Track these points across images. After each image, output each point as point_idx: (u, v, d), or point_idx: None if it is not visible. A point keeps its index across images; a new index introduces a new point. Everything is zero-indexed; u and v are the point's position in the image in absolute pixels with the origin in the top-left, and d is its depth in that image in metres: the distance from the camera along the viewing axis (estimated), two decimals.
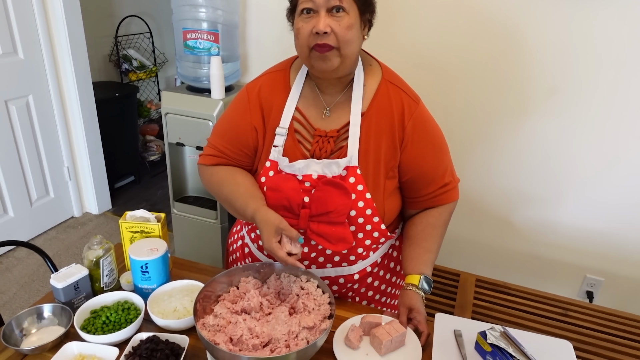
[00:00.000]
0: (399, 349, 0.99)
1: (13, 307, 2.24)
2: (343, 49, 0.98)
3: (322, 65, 1.00)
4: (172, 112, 2.07)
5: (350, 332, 1.00)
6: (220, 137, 1.16)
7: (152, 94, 3.85)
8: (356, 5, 0.98)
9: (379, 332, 0.98)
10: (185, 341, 0.98)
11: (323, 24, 0.95)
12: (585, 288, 2.04)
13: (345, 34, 0.97)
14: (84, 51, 2.70)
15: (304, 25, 0.98)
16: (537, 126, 1.86)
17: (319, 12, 0.96)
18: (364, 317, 1.03)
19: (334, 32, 0.96)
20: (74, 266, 1.09)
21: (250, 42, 2.19)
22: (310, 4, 0.96)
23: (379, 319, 1.02)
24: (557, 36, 1.71)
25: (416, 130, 1.07)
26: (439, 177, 1.13)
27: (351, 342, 0.98)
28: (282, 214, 1.05)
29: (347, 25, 0.96)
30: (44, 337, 1.01)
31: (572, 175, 1.89)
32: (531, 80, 1.80)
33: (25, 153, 2.61)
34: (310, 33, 0.97)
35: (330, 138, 1.08)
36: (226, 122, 1.17)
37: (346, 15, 0.96)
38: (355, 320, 1.05)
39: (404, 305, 1.05)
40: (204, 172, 1.20)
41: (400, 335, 0.98)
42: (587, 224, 1.94)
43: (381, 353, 0.97)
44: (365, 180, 1.06)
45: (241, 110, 1.13)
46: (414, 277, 1.09)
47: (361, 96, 1.06)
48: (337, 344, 0.99)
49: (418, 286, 1.07)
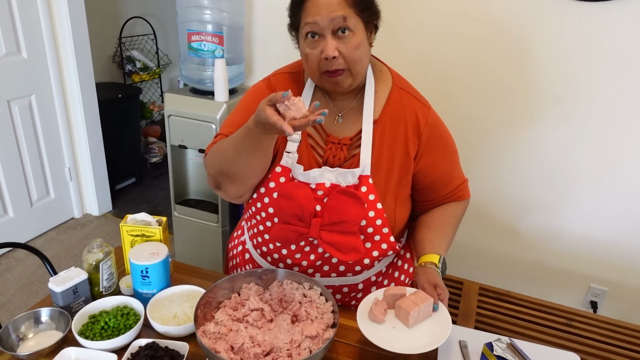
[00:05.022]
0: (427, 320, 0.94)
1: (11, 308, 2.23)
2: (354, 69, 0.97)
3: (334, 87, 1.00)
4: (175, 114, 2.05)
5: (374, 306, 0.95)
6: (235, 128, 1.04)
7: (155, 95, 3.84)
8: (361, 19, 0.95)
9: (405, 303, 0.92)
10: (185, 348, 0.96)
11: (331, 49, 0.93)
12: (589, 298, 2.02)
13: (353, 55, 0.95)
14: (87, 52, 2.69)
15: (311, 52, 0.96)
16: (543, 133, 1.84)
17: (324, 36, 0.93)
18: (387, 290, 0.98)
19: (342, 54, 0.94)
20: (73, 270, 1.08)
21: (255, 44, 2.18)
22: (315, 28, 0.94)
23: (403, 290, 0.97)
24: (564, 43, 1.69)
25: (432, 137, 1.07)
26: (455, 178, 1.14)
27: (376, 316, 0.93)
28: (293, 222, 1.04)
29: (355, 45, 0.94)
30: (41, 342, 0.99)
31: (578, 183, 1.87)
32: (537, 87, 1.78)
33: (26, 153, 2.60)
34: (319, 59, 0.95)
35: (344, 146, 1.06)
36: (242, 114, 1.08)
37: (352, 35, 0.94)
38: (378, 294, 1.00)
39: (429, 282, 0.99)
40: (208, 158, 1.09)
41: (427, 305, 0.92)
42: (592, 233, 1.92)
43: (409, 325, 0.92)
44: (377, 189, 1.04)
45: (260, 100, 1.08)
46: (433, 256, 1.05)
47: (372, 103, 1.05)
48: (361, 319, 0.94)
49: (438, 266, 1.03)
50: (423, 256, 1.06)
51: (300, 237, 1.06)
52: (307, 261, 1.10)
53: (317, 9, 0.92)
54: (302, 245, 1.08)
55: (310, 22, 0.93)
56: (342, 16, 0.91)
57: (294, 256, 1.11)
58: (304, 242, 1.08)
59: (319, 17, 0.92)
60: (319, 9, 0.92)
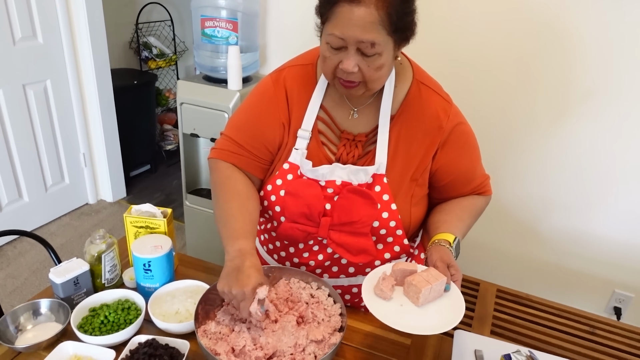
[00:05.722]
0: (438, 300, 0.87)
1: (23, 292, 2.24)
2: (370, 85, 0.90)
3: (346, 93, 0.95)
4: (188, 102, 2.01)
5: (381, 281, 0.88)
6: (241, 131, 1.04)
7: (171, 82, 3.82)
8: (392, 39, 0.85)
9: (416, 279, 0.85)
10: (186, 347, 0.92)
11: (351, 65, 0.85)
12: (612, 304, 1.93)
13: (373, 75, 0.87)
14: (103, 37, 2.66)
15: (330, 57, 0.88)
16: (570, 130, 1.75)
17: (347, 48, 0.85)
18: (396, 265, 0.91)
19: (361, 70, 0.86)
20: (75, 261, 1.05)
21: (270, 32, 2.12)
22: (339, 42, 0.84)
23: (414, 267, 0.91)
24: (595, 35, 1.59)
25: (452, 133, 0.99)
26: (477, 176, 1.08)
27: (383, 292, 0.87)
28: (301, 221, 0.98)
29: (377, 67, 0.86)
30: (39, 335, 0.96)
31: (605, 184, 1.78)
32: (566, 82, 1.69)
33: (41, 138, 2.60)
34: (336, 65, 0.88)
35: (359, 142, 1.00)
36: (249, 115, 1.05)
37: (377, 57, 0.85)
38: (386, 268, 0.93)
39: (442, 260, 0.90)
40: (217, 168, 1.07)
41: (439, 284, 0.85)
42: (618, 236, 1.83)
43: (418, 303, 0.85)
44: (392, 188, 0.98)
45: (267, 102, 1.02)
46: (448, 235, 0.96)
47: (391, 99, 0.97)
48: (367, 295, 0.88)
49: (452, 245, 0.95)
50: (437, 234, 0.97)
51: (308, 237, 1.01)
52: (315, 261, 1.05)
53: (346, 23, 0.82)
54: (311, 245, 1.03)
55: (336, 34, 0.84)
56: (371, 42, 0.82)
57: (301, 255, 1.06)
58: (313, 241, 1.02)
59: (346, 34, 0.82)
60: (348, 23, 0.81)
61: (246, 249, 0.89)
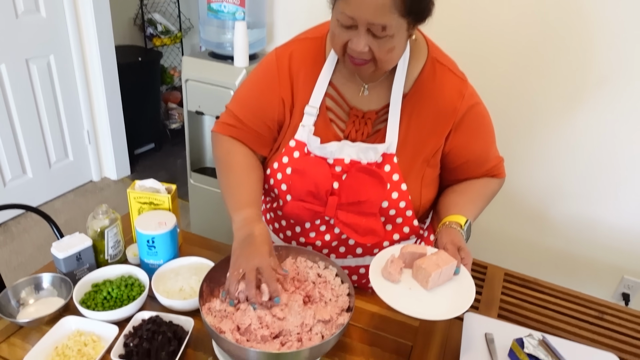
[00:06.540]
0: (447, 284, 0.85)
1: (28, 268, 2.24)
2: (380, 65, 0.85)
3: (355, 70, 0.91)
4: (193, 79, 1.97)
5: (389, 263, 0.86)
6: (242, 106, 1.03)
7: (176, 60, 3.76)
8: (406, 21, 0.81)
9: (426, 263, 0.83)
10: (190, 324, 0.91)
11: (361, 45, 0.81)
12: (621, 290, 1.91)
13: (383, 56, 0.83)
14: (107, 12, 2.61)
15: (340, 33, 0.83)
16: (583, 117, 1.71)
17: (357, 27, 0.81)
18: (405, 247, 0.88)
19: (372, 50, 0.82)
20: (77, 235, 1.03)
21: (277, 8, 2.06)
22: (350, 22, 0.80)
23: (423, 249, 0.88)
24: (611, 20, 1.53)
25: (467, 114, 0.95)
26: (491, 158, 1.04)
27: (391, 274, 0.85)
28: (308, 199, 0.96)
29: (389, 49, 0.82)
30: (41, 309, 0.95)
31: (617, 171, 1.75)
32: (580, 67, 1.64)
33: (45, 114, 2.57)
34: (345, 42, 0.84)
35: (369, 120, 0.96)
36: (250, 90, 1.03)
37: (389, 39, 0.81)
38: (394, 250, 0.90)
39: (452, 243, 0.88)
40: (218, 141, 1.06)
41: (450, 268, 0.83)
42: (628, 223, 1.81)
43: (427, 287, 0.83)
44: (402, 168, 0.94)
45: (269, 79, 0.99)
46: (459, 217, 0.94)
47: (404, 75, 0.93)
48: (374, 277, 0.86)
49: (463, 228, 0.92)
50: (448, 216, 0.95)
51: (315, 216, 0.98)
52: (321, 241, 1.02)
53: (359, 3, 0.78)
54: (317, 225, 1.01)
55: (347, 14, 0.80)
56: (382, 25, 0.78)
57: (308, 235, 1.03)
58: (319, 221, 1.00)
59: (356, 14, 0.78)
60: (361, 4, 0.77)
61: (252, 216, 0.89)
